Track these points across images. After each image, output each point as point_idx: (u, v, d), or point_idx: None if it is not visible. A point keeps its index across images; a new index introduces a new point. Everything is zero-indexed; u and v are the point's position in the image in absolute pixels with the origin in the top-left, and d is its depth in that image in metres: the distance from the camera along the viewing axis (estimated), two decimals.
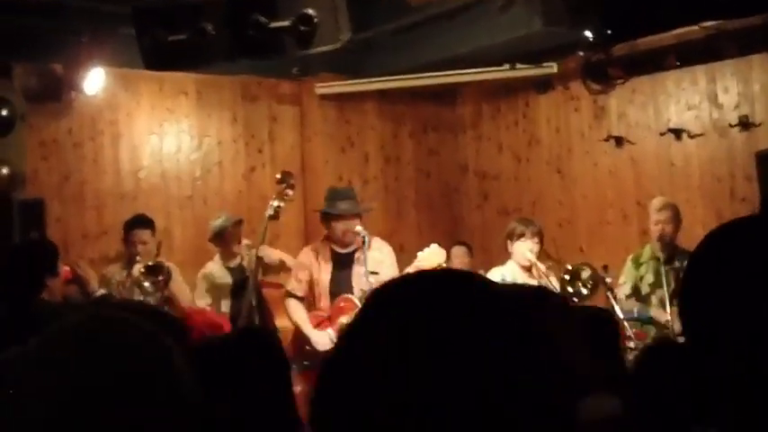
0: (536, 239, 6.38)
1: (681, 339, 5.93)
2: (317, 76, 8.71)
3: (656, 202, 6.77)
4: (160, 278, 6.50)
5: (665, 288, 6.34)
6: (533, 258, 6.32)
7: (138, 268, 6.50)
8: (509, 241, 6.42)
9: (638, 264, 6.77)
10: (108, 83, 7.65)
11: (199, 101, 8.41)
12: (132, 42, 6.31)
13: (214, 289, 7.13)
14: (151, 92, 8.16)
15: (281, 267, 6.98)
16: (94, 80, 7.44)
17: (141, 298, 6.32)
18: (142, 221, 6.98)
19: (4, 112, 6.85)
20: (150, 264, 6.56)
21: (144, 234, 6.88)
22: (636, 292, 6.66)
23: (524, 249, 6.33)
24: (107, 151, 7.95)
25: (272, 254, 6.97)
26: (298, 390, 6.40)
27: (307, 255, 6.60)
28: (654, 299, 6.62)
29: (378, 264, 6.28)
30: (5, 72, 7.13)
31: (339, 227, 6.30)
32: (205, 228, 8.20)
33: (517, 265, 6.30)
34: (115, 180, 7.96)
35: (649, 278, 6.69)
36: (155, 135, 8.17)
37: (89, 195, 7.83)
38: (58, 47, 7.38)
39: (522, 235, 6.36)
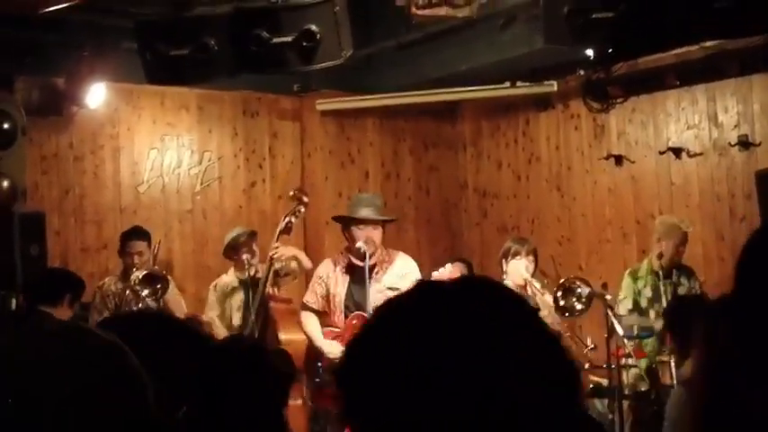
0: (531, 258, 6.38)
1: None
2: (318, 92, 8.73)
3: (684, 224, 6.77)
4: (158, 286, 6.53)
5: (663, 303, 6.35)
6: (528, 276, 6.32)
7: (136, 275, 6.54)
8: (504, 260, 6.42)
9: (635, 278, 6.79)
10: (109, 97, 7.67)
11: (200, 116, 8.43)
12: (134, 57, 6.32)
13: (225, 300, 7.13)
14: (152, 106, 8.18)
15: (297, 269, 6.94)
16: (96, 94, 7.46)
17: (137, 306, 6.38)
18: (138, 233, 7.05)
19: (5, 126, 6.84)
20: (148, 272, 6.60)
21: (140, 245, 6.93)
22: (635, 307, 6.67)
23: (520, 268, 6.32)
24: (107, 165, 7.96)
25: (287, 251, 6.89)
26: (309, 405, 6.42)
27: (326, 266, 6.41)
28: (652, 313, 6.63)
29: (399, 279, 6.10)
30: (7, 85, 7.15)
31: (358, 234, 6.11)
32: (204, 242, 8.23)
33: (512, 284, 6.26)
34: (115, 194, 7.96)
35: (647, 292, 6.70)
36: (155, 149, 8.18)
37: (89, 209, 7.83)
38: (60, 60, 7.40)
39: (516, 254, 6.36)
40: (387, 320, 1.10)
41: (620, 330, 6.01)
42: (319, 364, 6.14)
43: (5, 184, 6.79)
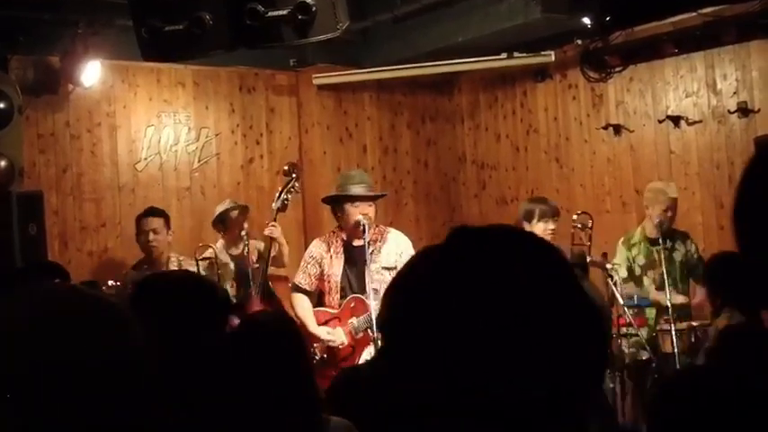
0: (556, 218, 6.37)
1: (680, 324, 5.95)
2: (315, 66, 8.69)
3: (670, 189, 6.75)
4: None
5: (663, 269, 6.35)
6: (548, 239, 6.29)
7: None
8: (526, 222, 6.36)
9: (629, 245, 6.81)
10: (105, 75, 7.63)
11: (196, 92, 8.39)
12: (129, 34, 6.27)
13: (215, 274, 7.05)
14: (148, 83, 8.14)
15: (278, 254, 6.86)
16: (91, 72, 7.42)
17: None
18: (154, 211, 6.97)
19: (1, 105, 6.82)
20: None
21: (155, 222, 6.83)
22: (630, 275, 6.68)
23: (545, 229, 6.30)
24: (105, 143, 7.93)
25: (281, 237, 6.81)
26: None
27: (318, 246, 6.26)
28: (646, 280, 6.64)
29: (397, 256, 5.99)
30: (2, 64, 7.12)
31: (352, 212, 5.97)
32: (203, 219, 8.20)
33: None
34: (113, 172, 7.94)
35: (641, 259, 6.72)
36: (152, 127, 8.15)
37: (87, 188, 7.81)
38: (55, 39, 7.36)
39: (543, 216, 6.32)
40: (423, 267, 1.10)
41: (620, 299, 6.02)
42: (315, 345, 6.05)
43: (2, 163, 6.78)
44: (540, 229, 6.30)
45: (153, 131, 8.14)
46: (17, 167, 6.87)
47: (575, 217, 6.81)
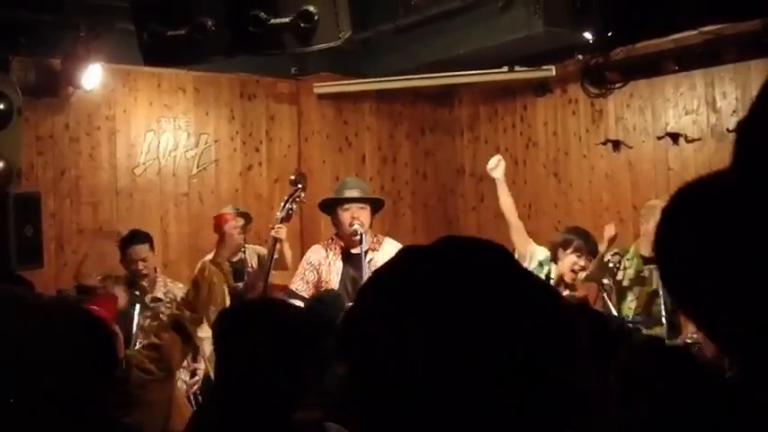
0: (590, 258, 6.17)
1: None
2: (316, 75, 8.70)
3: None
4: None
5: (645, 287, 6.32)
6: (571, 276, 6.15)
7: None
8: (561, 249, 6.21)
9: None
10: (105, 78, 7.63)
11: (197, 98, 8.40)
12: (130, 38, 6.28)
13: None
14: (149, 88, 8.14)
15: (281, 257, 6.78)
16: (92, 75, 7.42)
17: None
18: (139, 237, 6.70)
19: (1, 106, 6.82)
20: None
21: (142, 250, 6.59)
22: (618, 287, 6.61)
23: (575, 263, 6.15)
24: (103, 147, 7.93)
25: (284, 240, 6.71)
26: None
27: (317, 253, 6.20)
28: (630, 295, 6.57)
29: None
30: (3, 66, 7.11)
31: (343, 215, 5.95)
32: (200, 225, 8.19)
33: (557, 275, 6.12)
34: (111, 176, 7.93)
35: (630, 273, 6.64)
36: (152, 131, 8.15)
37: (85, 191, 7.80)
38: (56, 41, 7.36)
39: (578, 250, 6.13)
40: (378, 288, 1.10)
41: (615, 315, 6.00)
42: None
43: (1, 164, 6.77)
44: (571, 261, 6.17)
45: (152, 136, 8.14)
46: (15, 169, 6.87)
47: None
